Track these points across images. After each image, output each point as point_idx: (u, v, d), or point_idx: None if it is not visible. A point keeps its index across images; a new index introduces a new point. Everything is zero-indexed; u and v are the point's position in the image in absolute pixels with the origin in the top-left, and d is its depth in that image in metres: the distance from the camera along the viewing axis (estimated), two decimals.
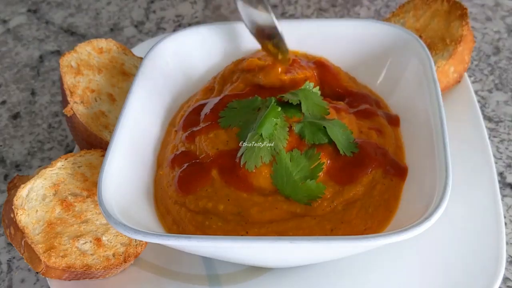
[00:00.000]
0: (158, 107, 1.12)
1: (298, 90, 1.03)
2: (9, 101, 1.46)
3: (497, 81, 1.35)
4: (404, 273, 0.93)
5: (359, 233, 0.90)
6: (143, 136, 1.05)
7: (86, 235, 0.96)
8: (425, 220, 0.79)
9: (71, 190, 1.00)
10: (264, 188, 0.93)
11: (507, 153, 1.19)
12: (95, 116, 1.12)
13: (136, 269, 0.99)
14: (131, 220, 0.87)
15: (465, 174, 1.02)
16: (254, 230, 0.90)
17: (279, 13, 1.64)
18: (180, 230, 0.94)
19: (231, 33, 1.21)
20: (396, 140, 1.03)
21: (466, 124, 1.11)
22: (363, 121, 1.04)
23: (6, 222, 0.95)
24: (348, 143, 0.96)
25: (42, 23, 1.71)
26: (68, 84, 1.13)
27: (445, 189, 0.83)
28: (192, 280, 0.96)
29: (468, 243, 0.94)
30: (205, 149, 1.00)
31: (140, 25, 1.67)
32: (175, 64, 1.18)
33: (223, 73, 1.17)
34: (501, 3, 1.59)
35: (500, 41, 1.47)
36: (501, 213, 0.96)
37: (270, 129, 0.95)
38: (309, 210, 0.91)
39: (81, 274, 0.93)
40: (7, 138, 1.36)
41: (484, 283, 0.88)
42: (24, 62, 1.57)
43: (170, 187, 0.98)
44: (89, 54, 1.20)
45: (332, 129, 0.96)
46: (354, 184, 0.93)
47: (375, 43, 1.17)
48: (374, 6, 1.64)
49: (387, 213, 0.93)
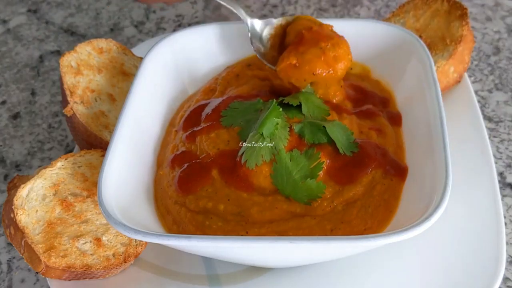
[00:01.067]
0: (158, 107, 1.12)
1: (299, 93, 1.03)
2: (9, 101, 1.46)
3: (497, 81, 1.35)
4: (404, 273, 0.93)
5: (359, 233, 0.90)
6: (143, 136, 1.05)
7: (86, 235, 0.96)
8: (425, 220, 0.79)
9: (71, 190, 1.00)
10: (264, 187, 0.93)
11: (507, 153, 1.19)
12: (95, 116, 1.12)
13: (136, 269, 0.99)
14: (131, 220, 0.87)
15: (465, 174, 1.02)
16: (254, 230, 0.90)
17: (279, 13, 1.64)
18: (180, 230, 0.94)
19: (231, 33, 1.21)
20: (397, 140, 1.03)
21: (466, 124, 1.11)
22: (364, 121, 1.04)
23: (6, 222, 0.95)
24: (348, 143, 0.96)
25: (42, 23, 1.71)
26: (68, 84, 1.13)
27: (445, 189, 0.83)
28: (192, 280, 0.96)
29: (468, 243, 0.94)
30: (205, 149, 1.00)
31: (140, 25, 1.67)
32: (175, 64, 1.18)
33: (226, 75, 1.17)
34: (501, 3, 1.59)
35: (500, 41, 1.47)
36: (501, 213, 0.96)
37: (271, 128, 0.95)
38: (309, 210, 0.91)
39: (81, 274, 0.93)
40: (7, 138, 1.36)
41: (484, 283, 0.88)
42: (24, 62, 1.57)
43: (170, 187, 0.98)
44: (89, 54, 1.20)
45: (332, 129, 0.96)
46: (354, 184, 0.93)
47: (375, 43, 1.17)
48: (374, 6, 1.64)
49: (387, 213, 0.93)
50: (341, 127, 0.97)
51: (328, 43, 1.03)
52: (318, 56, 1.02)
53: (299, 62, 1.02)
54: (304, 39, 1.05)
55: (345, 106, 1.06)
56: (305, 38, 1.05)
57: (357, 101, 1.09)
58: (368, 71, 1.19)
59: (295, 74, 1.03)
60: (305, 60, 1.02)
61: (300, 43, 1.05)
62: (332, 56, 1.03)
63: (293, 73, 1.03)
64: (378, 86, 1.16)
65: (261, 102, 1.03)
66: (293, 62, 1.03)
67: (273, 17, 1.16)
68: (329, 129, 0.96)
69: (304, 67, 1.02)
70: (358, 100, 1.10)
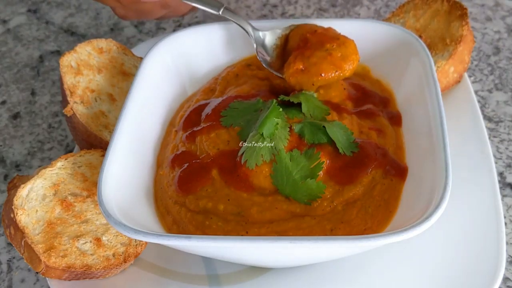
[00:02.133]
0: (158, 107, 1.12)
1: (299, 93, 1.03)
2: (9, 101, 1.46)
3: (497, 81, 1.35)
4: (404, 273, 0.93)
5: (359, 233, 0.90)
6: (143, 136, 1.05)
7: (86, 235, 0.96)
8: (425, 220, 0.79)
9: (71, 190, 1.00)
10: (264, 187, 0.93)
11: (507, 153, 1.19)
12: (95, 116, 1.12)
13: (136, 269, 0.99)
14: (131, 220, 0.87)
15: (465, 174, 1.02)
16: (254, 230, 0.90)
17: (279, 13, 1.64)
18: (180, 230, 0.94)
19: (231, 33, 1.21)
20: (397, 140, 1.03)
21: (466, 124, 1.11)
22: (364, 121, 1.04)
23: (6, 222, 0.95)
24: (349, 143, 0.96)
25: (42, 23, 1.71)
26: (68, 84, 1.13)
27: (445, 189, 0.83)
28: (192, 280, 0.96)
29: (468, 243, 0.94)
30: (205, 149, 1.00)
31: (140, 25, 1.67)
32: (175, 64, 1.18)
33: (226, 75, 1.17)
34: (501, 3, 1.59)
35: (500, 41, 1.47)
36: (501, 213, 0.96)
37: (271, 129, 0.95)
38: (309, 210, 0.91)
39: (81, 274, 0.93)
40: (7, 138, 1.36)
41: (484, 283, 0.88)
42: (24, 62, 1.57)
43: (170, 187, 0.98)
44: (89, 54, 1.20)
45: (332, 129, 0.96)
46: (354, 184, 0.93)
47: (375, 43, 1.17)
48: (374, 6, 1.64)
49: (387, 213, 0.93)
50: (341, 127, 0.97)
51: (334, 44, 1.03)
52: (324, 57, 1.02)
53: (305, 66, 1.02)
54: (309, 43, 1.04)
55: (346, 106, 1.06)
56: (310, 42, 1.04)
57: (358, 101, 1.09)
58: (368, 71, 1.19)
59: (304, 79, 1.03)
60: (311, 63, 1.02)
61: (305, 46, 1.04)
62: (338, 56, 1.02)
63: (301, 78, 1.03)
64: (379, 86, 1.16)
65: (261, 102, 1.03)
66: (299, 67, 1.02)
67: (273, 17, 1.16)
68: (329, 129, 0.96)
69: (311, 71, 1.02)
70: (358, 99, 1.09)
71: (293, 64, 1.03)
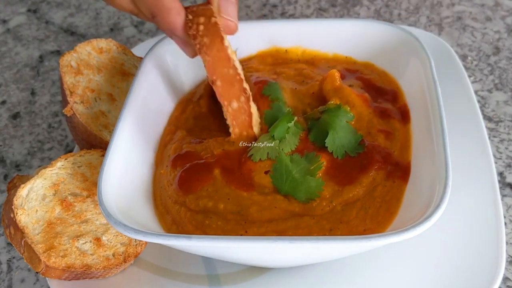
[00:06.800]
0: (158, 106, 1.12)
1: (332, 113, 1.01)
2: (9, 101, 1.46)
3: (497, 81, 1.35)
4: (405, 273, 0.93)
5: (358, 233, 0.90)
6: (143, 136, 1.05)
7: (86, 235, 0.96)
8: (425, 220, 0.79)
9: (71, 190, 1.00)
10: (265, 185, 0.94)
11: (507, 153, 1.19)
12: (95, 116, 1.12)
13: (136, 269, 0.99)
14: (131, 220, 0.87)
15: (465, 174, 1.02)
16: (253, 229, 0.90)
17: (279, 13, 1.64)
18: (179, 229, 0.94)
19: None
20: (404, 139, 1.02)
21: (466, 124, 1.11)
22: (377, 120, 1.03)
23: (6, 222, 0.95)
24: (356, 145, 0.96)
25: (42, 23, 1.71)
26: (68, 84, 1.13)
27: (445, 189, 0.83)
28: (192, 280, 0.96)
29: (468, 243, 0.94)
30: (211, 148, 1.00)
31: (140, 25, 1.67)
32: (175, 64, 1.18)
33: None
34: (501, 3, 1.59)
35: (500, 41, 1.47)
36: (501, 213, 0.96)
37: (282, 132, 0.97)
38: (308, 210, 0.91)
39: (81, 274, 0.93)
40: (7, 138, 1.36)
41: (484, 283, 0.88)
42: (24, 62, 1.57)
43: (171, 186, 0.98)
44: (89, 54, 1.20)
45: (339, 134, 0.97)
46: (354, 185, 0.93)
47: (375, 43, 1.17)
48: (374, 6, 1.64)
49: (388, 214, 0.92)
50: (350, 131, 0.98)
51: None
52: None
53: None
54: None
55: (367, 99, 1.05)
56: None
57: (372, 97, 1.08)
58: (372, 65, 1.18)
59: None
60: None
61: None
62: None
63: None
64: (386, 78, 1.15)
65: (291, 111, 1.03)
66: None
67: (273, 17, 1.16)
68: (336, 134, 0.96)
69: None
70: (372, 95, 1.09)
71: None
